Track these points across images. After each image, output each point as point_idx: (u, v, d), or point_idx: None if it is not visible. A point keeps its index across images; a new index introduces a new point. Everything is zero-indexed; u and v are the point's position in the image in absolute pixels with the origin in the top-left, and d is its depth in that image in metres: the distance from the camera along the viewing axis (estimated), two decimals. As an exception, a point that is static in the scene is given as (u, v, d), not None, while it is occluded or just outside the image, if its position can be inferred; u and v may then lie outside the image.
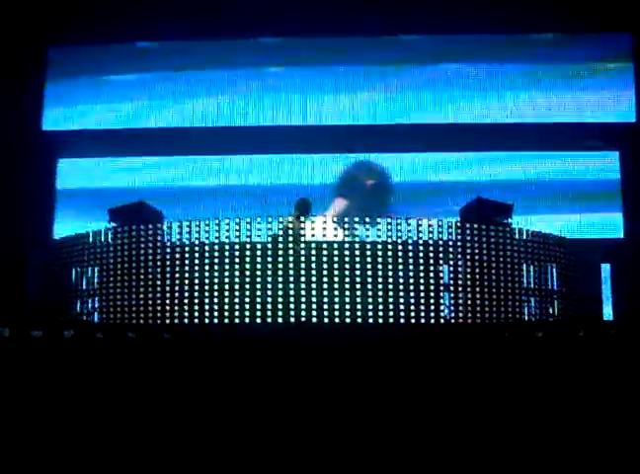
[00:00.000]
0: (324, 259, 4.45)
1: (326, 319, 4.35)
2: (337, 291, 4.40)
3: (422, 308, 4.49)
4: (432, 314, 4.48)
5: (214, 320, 4.39)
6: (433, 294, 4.50)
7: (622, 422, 3.19)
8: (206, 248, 4.54)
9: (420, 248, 4.56)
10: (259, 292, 4.39)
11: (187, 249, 4.56)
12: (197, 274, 4.51)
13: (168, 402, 3.37)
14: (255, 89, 7.48)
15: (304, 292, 4.40)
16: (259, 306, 4.37)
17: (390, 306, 4.44)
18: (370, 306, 4.42)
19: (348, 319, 4.37)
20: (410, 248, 4.56)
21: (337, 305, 4.38)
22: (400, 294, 4.45)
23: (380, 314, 4.41)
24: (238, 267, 4.46)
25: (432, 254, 4.57)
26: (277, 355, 3.46)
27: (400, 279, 4.48)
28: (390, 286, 4.47)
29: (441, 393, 3.33)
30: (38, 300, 5.29)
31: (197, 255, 4.54)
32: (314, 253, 4.46)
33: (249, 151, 7.36)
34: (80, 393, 3.39)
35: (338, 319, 4.36)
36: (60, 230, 7.04)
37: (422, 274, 4.53)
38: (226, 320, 4.36)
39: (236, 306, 4.38)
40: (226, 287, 4.43)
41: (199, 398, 3.37)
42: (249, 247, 4.47)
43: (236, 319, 4.35)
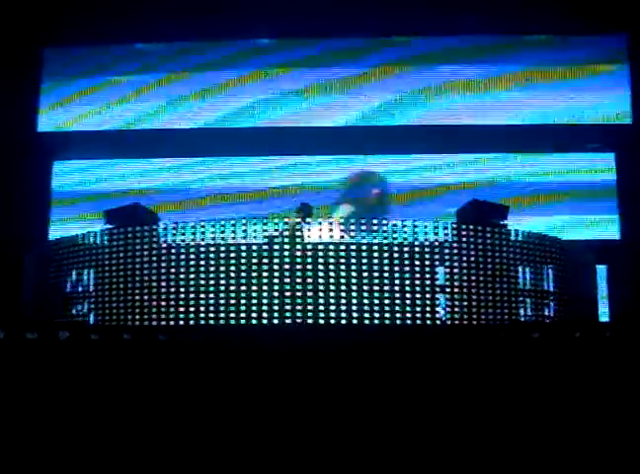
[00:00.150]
0: (319, 260, 4.45)
1: (321, 321, 4.34)
2: (332, 293, 4.40)
3: (417, 310, 4.48)
4: (427, 316, 4.47)
5: (210, 321, 4.39)
6: (428, 296, 4.50)
7: (618, 422, 3.19)
8: (202, 249, 4.53)
9: (416, 249, 4.56)
10: (254, 294, 4.39)
11: (182, 250, 4.56)
12: (192, 275, 4.50)
13: (164, 404, 3.36)
14: (254, 90, 7.48)
15: (300, 294, 4.40)
16: (254, 308, 4.37)
17: (386, 308, 4.43)
18: (366, 308, 4.41)
19: (343, 321, 4.37)
20: (405, 249, 4.55)
21: (332, 307, 4.37)
22: (396, 296, 4.45)
23: (376, 316, 4.41)
24: (234, 268, 4.45)
25: (427, 255, 4.56)
26: (272, 356, 3.46)
27: (396, 281, 4.47)
28: (386, 288, 4.46)
29: (438, 395, 3.33)
30: (32, 302, 5.28)
31: (192, 256, 4.54)
32: (309, 254, 4.45)
33: (247, 153, 7.37)
34: (76, 395, 3.38)
35: (333, 321, 4.36)
36: (55, 232, 7.04)
37: (417, 275, 4.53)
38: (222, 321, 4.36)
39: (231, 308, 4.38)
40: (222, 289, 4.42)
41: (195, 400, 3.37)
42: (245, 248, 4.47)
43: (232, 321, 4.35)
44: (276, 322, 4.35)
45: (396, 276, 4.52)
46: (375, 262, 4.54)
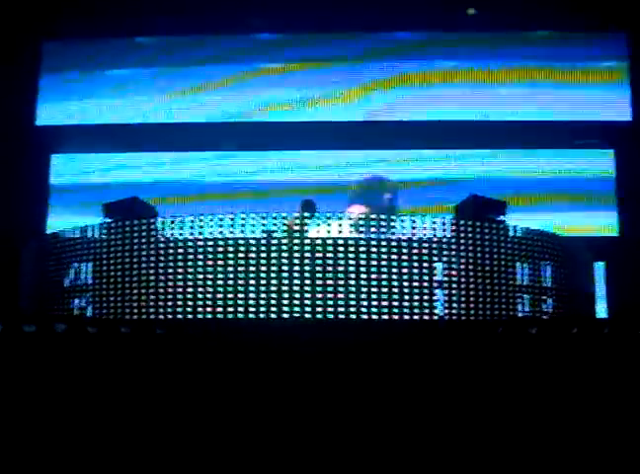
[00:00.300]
0: (317, 256, 4.45)
1: (319, 316, 4.35)
2: (330, 288, 4.40)
3: (415, 305, 4.49)
4: (425, 311, 4.48)
5: (208, 315, 4.39)
6: (426, 291, 4.50)
7: (615, 418, 3.20)
8: (200, 243, 4.53)
9: (414, 245, 4.56)
10: (252, 288, 4.39)
11: (180, 244, 4.56)
12: (190, 269, 4.51)
13: (161, 397, 3.36)
14: (253, 85, 7.47)
15: (297, 288, 4.40)
16: (252, 302, 4.37)
17: (384, 303, 4.44)
18: (364, 303, 4.42)
19: (341, 315, 4.37)
20: (404, 244, 4.55)
21: (329, 302, 4.38)
22: (394, 291, 4.45)
23: (374, 311, 4.41)
24: (232, 262, 4.46)
25: (425, 251, 4.57)
26: (269, 350, 3.46)
27: (394, 276, 4.48)
28: (384, 283, 4.47)
29: (435, 390, 3.33)
30: (30, 295, 5.28)
31: (190, 250, 4.54)
32: (307, 249, 4.45)
33: (246, 148, 7.36)
34: (73, 388, 3.38)
35: (331, 315, 4.36)
36: (54, 225, 7.04)
37: (415, 270, 4.53)
38: (219, 315, 4.36)
39: (229, 302, 4.38)
40: (220, 283, 4.43)
41: (192, 393, 3.36)
42: (243, 243, 4.47)
43: (229, 315, 4.35)
44: (273, 316, 4.36)
45: (394, 271, 4.53)
46: (374, 257, 4.55)
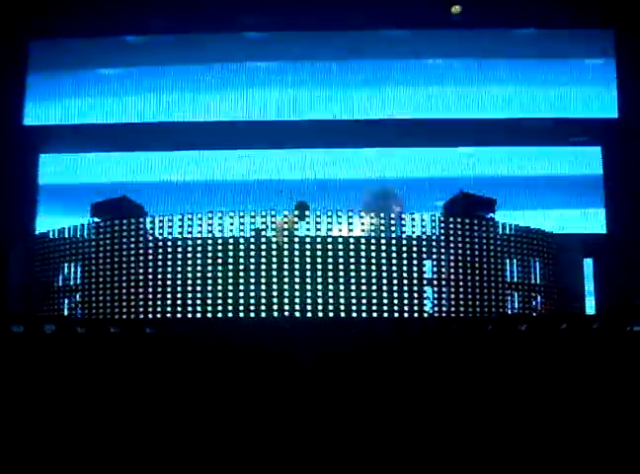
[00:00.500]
0: (307, 254, 4.45)
1: (309, 314, 4.35)
2: (320, 286, 4.41)
3: (405, 303, 4.49)
4: (415, 308, 4.49)
5: (197, 315, 4.38)
6: (416, 289, 4.51)
7: (604, 412, 3.21)
8: (189, 242, 4.53)
9: (403, 242, 4.57)
10: (241, 287, 4.39)
11: (169, 244, 4.55)
12: (179, 268, 4.50)
13: (151, 396, 3.36)
14: (242, 83, 7.45)
15: (288, 287, 4.40)
16: (241, 301, 4.37)
17: (374, 301, 4.44)
18: (354, 301, 4.42)
19: (331, 313, 4.37)
20: (393, 242, 4.56)
21: (320, 300, 4.38)
22: (384, 289, 4.46)
23: (364, 309, 4.42)
24: (221, 261, 4.45)
25: (415, 248, 4.57)
26: (260, 349, 3.45)
27: (384, 274, 4.48)
28: (374, 281, 4.47)
29: (425, 386, 3.34)
30: (19, 296, 5.26)
31: (179, 249, 4.53)
32: (297, 247, 4.45)
33: (236, 146, 7.33)
34: (63, 388, 3.37)
35: (322, 313, 4.36)
36: (42, 225, 6.99)
37: (405, 268, 4.54)
38: (209, 315, 4.36)
39: (219, 301, 4.38)
40: (209, 282, 4.42)
41: (182, 392, 3.36)
42: (232, 242, 4.46)
43: (219, 314, 4.35)
44: (263, 315, 4.36)
45: (384, 269, 4.54)
46: (363, 255, 4.55)
